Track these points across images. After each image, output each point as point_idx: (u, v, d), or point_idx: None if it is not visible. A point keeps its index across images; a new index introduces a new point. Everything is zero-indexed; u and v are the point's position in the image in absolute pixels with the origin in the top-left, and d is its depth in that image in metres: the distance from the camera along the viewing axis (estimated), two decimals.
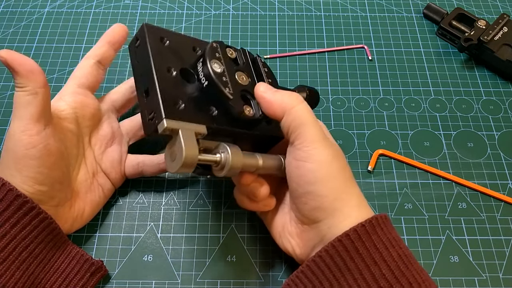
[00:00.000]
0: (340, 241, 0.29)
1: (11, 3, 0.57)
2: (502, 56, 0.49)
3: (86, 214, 0.37)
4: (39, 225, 0.32)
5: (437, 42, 0.54)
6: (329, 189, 0.31)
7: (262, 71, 0.36)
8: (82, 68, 0.38)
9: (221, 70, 0.32)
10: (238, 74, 0.34)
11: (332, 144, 0.32)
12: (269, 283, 0.37)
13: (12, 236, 0.31)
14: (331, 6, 0.57)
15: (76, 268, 0.35)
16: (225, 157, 0.31)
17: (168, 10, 0.56)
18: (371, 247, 0.29)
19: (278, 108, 0.32)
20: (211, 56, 0.32)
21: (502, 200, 0.42)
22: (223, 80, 0.32)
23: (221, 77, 0.32)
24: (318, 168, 0.31)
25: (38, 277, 0.33)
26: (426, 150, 0.45)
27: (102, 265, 0.36)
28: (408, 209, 0.41)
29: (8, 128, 0.33)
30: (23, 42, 0.53)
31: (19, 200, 0.31)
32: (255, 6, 0.57)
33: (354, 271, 0.29)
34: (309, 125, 0.31)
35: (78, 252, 0.35)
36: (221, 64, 0.33)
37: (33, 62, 0.32)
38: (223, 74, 0.32)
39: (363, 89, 0.49)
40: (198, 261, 0.38)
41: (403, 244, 0.30)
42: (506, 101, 0.49)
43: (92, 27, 0.54)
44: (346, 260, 0.29)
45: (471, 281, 0.37)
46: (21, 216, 0.31)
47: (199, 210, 0.41)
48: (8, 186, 0.31)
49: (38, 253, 0.33)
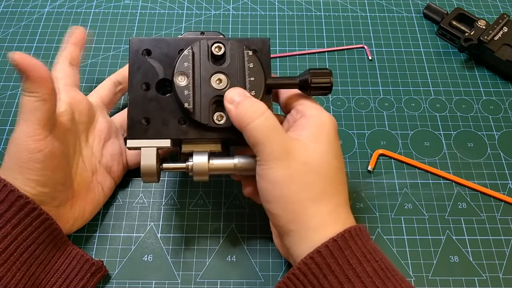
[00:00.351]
0: (312, 258, 0.28)
1: (11, 3, 0.57)
2: (502, 56, 0.49)
3: (86, 213, 0.37)
4: (40, 226, 0.32)
5: (437, 42, 0.54)
6: (282, 210, 0.30)
7: (246, 67, 0.34)
8: (60, 70, 0.39)
9: (186, 83, 0.33)
10: (215, 77, 0.34)
11: (297, 161, 0.30)
12: (269, 283, 0.37)
13: (14, 237, 0.31)
14: (331, 6, 0.57)
15: (77, 269, 0.35)
16: (191, 164, 0.33)
17: (168, 10, 0.56)
18: (344, 263, 0.28)
19: (238, 124, 0.31)
20: (178, 68, 0.33)
21: (502, 200, 0.42)
22: (184, 95, 0.33)
23: (183, 91, 0.33)
24: (271, 188, 0.30)
25: (39, 278, 0.33)
26: (426, 150, 0.45)
27: (102, 265, 0.36)
28: (408, 209, 0.41)
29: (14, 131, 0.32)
30: (23, 42, 0.53)
31: (21, 201, 0.31)
32: (255, 6, 0.57)
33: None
34: (264, 143, 0.30)
35: (78, 253, 0.35)
36: (187, 75, 0.33)
37: (45, 67, 0.32)
38: (186, 87, 0.33)
39: (363, 89, 0.49)
40: (198, 261, 0.38)
41: (380, 255, 0.29)
42: (506, 101, 0.49)
43: (92, 27, 0.54)
44: (319, 278, 0.28)
45: (471, 281, 0.37)
46: (23, 217, 0.31)
47: (199, 210, 0.41)
48: (9, 187, 0.31)
49: (39, 254, 0.33)
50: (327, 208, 0.30)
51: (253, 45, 0.35)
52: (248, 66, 0.34)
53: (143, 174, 0.33)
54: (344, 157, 0.44)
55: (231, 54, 0.34)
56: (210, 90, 0.33)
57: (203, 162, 0.33)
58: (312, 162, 0.30)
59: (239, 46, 0.34)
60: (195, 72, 0.34)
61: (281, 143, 0.30)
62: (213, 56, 0.34)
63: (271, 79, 0.35)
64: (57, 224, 0.33)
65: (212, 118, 0.33)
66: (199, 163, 0.33)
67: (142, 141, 0.33)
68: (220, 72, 0.34)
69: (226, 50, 0.34)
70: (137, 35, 0.54)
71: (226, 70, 0.34)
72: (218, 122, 0.33)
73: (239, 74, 0.34)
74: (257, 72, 0.34)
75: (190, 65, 0.34)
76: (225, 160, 0.34)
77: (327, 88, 0.34)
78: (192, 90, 0.33)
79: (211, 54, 0.34)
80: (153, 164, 0.33)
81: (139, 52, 0.34)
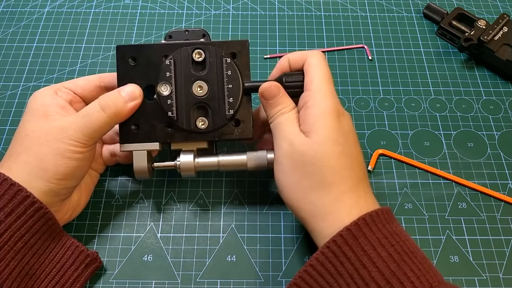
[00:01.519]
0: (328, 247, 0.29)
1: (11, 3, 0.57)
2: (502, 56, 0.49)
3: (82, 202, 0.38)
4: (34, 215, 0.32)
5: (437, 42, 0.54)
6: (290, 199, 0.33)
7: (225, 75, 0.36)
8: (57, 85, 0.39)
9: (169, 92, 0.36)
10: (196, 85, 0.36)
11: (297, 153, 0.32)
12: (269, 283, 0.37)
13: (7, 226, 0.31)
14: (331, 6, 0.57)
15: (71, 259, 0.35)
16: (179, 163, 0.36)
17: (168, 10, 0.56)
18: (358, 250, 0.29)
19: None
20: (161, 78, 0.36)
21: (502, 200, 0.42)
22: (167, 104, 0.36)
23: (166, 100, 0.36)
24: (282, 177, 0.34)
25: (33, 267, 0.33)
26: (426, 150, 0.45)
27: (97, 257, 0.36)
28: (408, 209, 0.41)
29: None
30: (23, 42, 0.53)
31: (13, 189, 0.31)
32: (255, 6, 0.57)
33: (345, 276, 0.28)
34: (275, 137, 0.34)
35: (73, 243, 0.35)
36: (169, 85, 0.36)
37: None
38: (169, 97, 0.36)
39: (363, 89, 0.49)
40: (198, 261, 0.38)
41: (397, 238, 0.29)
42: (506, 101, 0.49)
43: (92, 27, 0.54)
44: (336, 266, 0.29)
45: (471, 281, 0.37)
46: (16, 205, 0.31)
47: (199, 210, 0.41)
48: (2, 176, 0.31)
49: (34, 243, 0.33)
50: (330, 197, 0.31)
51: (232, 48, 0.37)
52: (226, 73, 0.36)
53: (136, 174, 0.36)
54: None
55: (211, 62, 0.36)
56: (191, 97, 0.36)
57: (189, 161, 0.36)
58: (308, 152, 0.32)
59: (218, 53, 0.36)
60: (177, 80, 0.36)
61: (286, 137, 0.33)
62: (194, 62, 0.36)
63: (249, 83, 0.37)
64: (51, 213, 0.33)
65: (195, 123, 0.36)
66: (185, 162, 0.36)
67: (133, 145, 0.36)
68: (201, 79, 0.36)
69: (206, 57, 0.36)
70: (137, 35, 0.54)
71: (206, 77, 0.36)
72: (200, 127, 0.36)
73: (218, 82, 0.36)
74: (235, 79, 0.36)
75: (172, 75, 0.36)
76: (209, 158, 0.37)
77: (299, 87, 0.35)
78: (175, 99, 0.36)
79: (192, 60, 0.36)
80: (145, 166, 0.36)
81: (125, 60, 0.36)
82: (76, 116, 0.33)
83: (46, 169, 0.32)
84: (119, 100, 0.34)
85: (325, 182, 0.31)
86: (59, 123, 0.33)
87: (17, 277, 0.32)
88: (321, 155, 0.31)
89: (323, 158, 0.31)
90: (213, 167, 0.37)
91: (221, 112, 0.36)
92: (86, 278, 0.35)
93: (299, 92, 0.35)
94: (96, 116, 0.33)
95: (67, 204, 0.36)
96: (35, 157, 0.32)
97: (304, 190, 0.32)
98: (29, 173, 0.32)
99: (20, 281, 0.32)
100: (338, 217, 0.30)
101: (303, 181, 0.32)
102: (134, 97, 0.35)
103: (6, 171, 0.32)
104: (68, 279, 0.34)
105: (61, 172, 0.32)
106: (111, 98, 0.34)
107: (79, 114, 0.34)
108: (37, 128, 0.33)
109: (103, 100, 0.34)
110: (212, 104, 0.36)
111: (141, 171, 0.36)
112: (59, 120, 0.33)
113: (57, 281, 0.34)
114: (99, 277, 0.37)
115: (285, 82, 0.35)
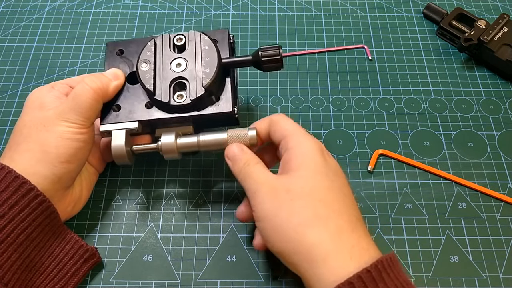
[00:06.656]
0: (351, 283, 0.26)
1: (11, 3, 0.57)
2: (502, 56, 0.49)
3: (84, 196, 0.38)
4: (38, 208, 0.32)
5: (437, 42, 0.54)
6: (280, 242, 0.29)
7: (202, 49, 0.37)
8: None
9: (148, 68, 0.37)
10: (175, 62, 0.37)
11: (281, 191, 0.30)
12: (269, 283, 0.37)
13: (10, 218, 0.31)
14: (331, 6, 0.57)
15: (71, 253, 0.35)
16: (160, 144, 0.36)
17: (168, 10, 0.56)
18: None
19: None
20: (142, 57, 0.38)
21: (502, 200, 0.42)
22: (146, 78, 0.37)
23: (145, 75, 0.37)
24: (266, 225, 0.30)
25: (34, 260, 0.33)
26: (426, 150, 0.45)
27: (96, 252, 0.36)
28: (408, 209, 0.41)
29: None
30: (23, 42, 0.53)
31: (17, 181, 0.31)
32: (255, 6, 0.57)
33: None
34: (250, 189, 0.32)
35: (73, 237, 0.36)
36: (149, 62, 0.37)
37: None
38: (148, 72, 0.37)
39: (363, 89, 0.49)
40: (198, 261, 0.38)
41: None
42: (506, 101, 0.49)
43: (92, 27, 0.54)
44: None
45: (471, 281, 0.37)
46: (20, 197, 0.31)
47: (199, 210, 0.41)
48: (7, 168, 0.32)
49: (35, 236, 0.33)
50: (328, 233, 0.28)
51: (213, 36, 0.39)
52: (203, 48, 0.38)
53: (114, 156, 0.36)
54: (344, 157, 0.44)
55: (190, 41, 0.38)
56: (170, 73, 0.37)
57: (171, 142, 0.36)
58: (296, 188, 0.30)
59: (197, 34, 0.38)
60: (157, 59, 0.38)
61: (264, 181, 0.31)
62: (176, 46, 0.38)
63: (226, 59, 0.37)
64: (53, 206, 0.33)
65: (173, 97, 0.36)
66: (166, 143, 0.36)
67: (112, 125, 0.37)
68: (180, 57, 0.38)
69: (186, 40, 0.38)
70: (137, 35, 0.54)
71: (186, 55, 0.38)
72: (178, 101, 0.36)
73: (196, 56, 0.37)
74: (211, 52, 0.37)
75: (152, 54, 0.38)
76: (190, 137, 0.36)
77: (277, 61, 0.36)
78: (153, 74, 0.37)
79: (173, 44, 0.38)
80: (122, 145, 0.36)
81: (114, 53, 0.39)
82: (67, 100, 0.35)
83: (47, 152, 0.33)
84: (103, 77, 0.36)
85: (319, 216, 0.29)
86: (54, 110, 0.34)
87: (17, 270, 0.32)
88: (309, 188, 0.30)
89: (312, 192, 0.30)
90: (194, 146, 0.36)
91: (198, 82, 0.36)
92: (84, 272, 0.36)
93: (276, 66, 0.37)
94: (85, 93, 0.34)
95: (70, 195, 0.36)
96: (35, 142, 0.33)
97: (296, 228, 0.28)
98: (31, 158, 0.33)
99: (20, 273, 0.32)
100: (341, 261, 0.27)
101: (293, 218, 0.29)
102: (116, 76, 0.37)
103: (8, 161, 0.33)
104: (67, 272, 0.35)
105: (63, 154, 0.33)
106: (96, 76, 0.36)
107: (69, 97, 0.35)
108: (35, 118, 0.34)
109: (89, 79, 0.35)
110: (190, 76, 0.37)
111: (119, 151, 0.36)
112: (54, 108, 0.35)
113: (56, 274, 0.34)
114: (99, 277, 0.37)
115: (261, 57, 0.36)
